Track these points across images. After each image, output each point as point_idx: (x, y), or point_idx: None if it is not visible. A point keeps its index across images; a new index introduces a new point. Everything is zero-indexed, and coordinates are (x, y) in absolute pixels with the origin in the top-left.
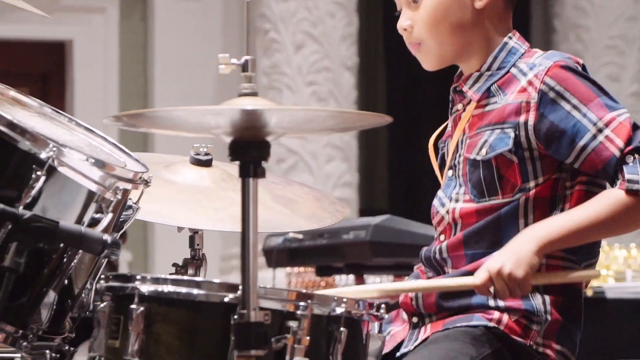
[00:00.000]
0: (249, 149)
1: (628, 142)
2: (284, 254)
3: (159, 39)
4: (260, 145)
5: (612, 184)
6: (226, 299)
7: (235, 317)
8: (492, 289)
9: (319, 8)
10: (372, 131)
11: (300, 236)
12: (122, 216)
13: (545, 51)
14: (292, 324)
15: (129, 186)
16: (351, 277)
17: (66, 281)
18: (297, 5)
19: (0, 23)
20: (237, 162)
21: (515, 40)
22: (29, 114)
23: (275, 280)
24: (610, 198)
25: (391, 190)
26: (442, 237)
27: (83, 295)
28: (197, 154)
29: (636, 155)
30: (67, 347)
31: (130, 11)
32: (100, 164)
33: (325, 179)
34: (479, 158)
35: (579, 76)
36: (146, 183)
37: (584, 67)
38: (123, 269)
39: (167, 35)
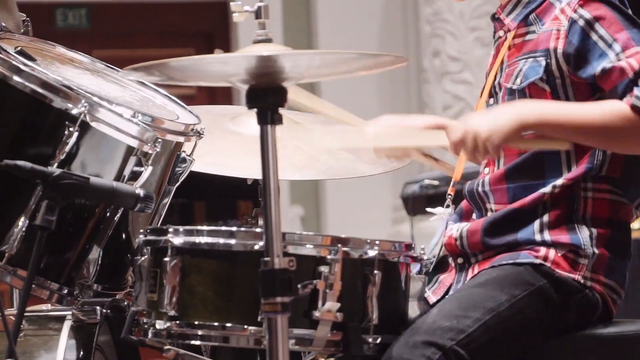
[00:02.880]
0: (266, 96)
1: None
2: (421, 201)
3: None
4: (276, 91)
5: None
6: (256, 247)
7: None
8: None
9: None
10: None
11: (436, 182)
12: (177, 169)
13: None
14: (323, 268)
15: (180, 139)
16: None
17: (123, 235)
18: None
19: None
20: (255, 110)
21: None
22: (79, 72)
23: (413, 229)
24: (612, 107)
25: None
26: (486, 170)
27: None
28: None
29: None
30: (125, 303)
31: None
32: (149, 118)
33: None
34: (514, 87)
35: (610, 7)
36: (199, 135)
37: None
38: (296, 224)
39: None
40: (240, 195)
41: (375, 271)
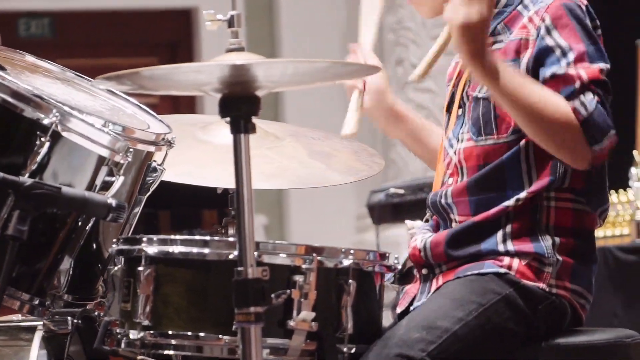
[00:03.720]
0: (239, 105)
1: (594, 81)
2: (387, 210)
3: (284, 1)
4: (249, 100)
5: None
6: (231, 256)
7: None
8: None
9: None
10: None
11: (401, 191)
12: (148, 179)
13: None
14: (298, 277)
15: (151, 148)
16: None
17: (94, 245)
18: None
19: None
20: (227, 119)
21: None
22: (49, 81)
23: (379, 238)
24: (559, 101)
25: None
26: (450, 181)
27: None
28: None
29: (596, 96)
30: (96, 313)
31: None
32: (120, 127)
33: None
34: (480, 95)
35: (575, 20)
36: (169, 144)
37: (587, 8)
38: (259, 234)
39: None
40: (205, 205)
41: (350, 280)
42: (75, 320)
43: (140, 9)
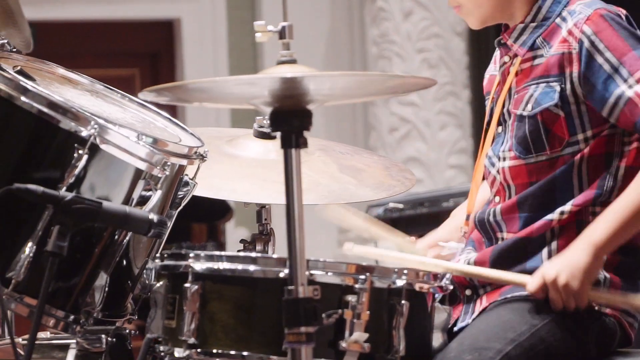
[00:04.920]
0: (290, 119)
1: None
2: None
3: (266, 12)
4: (301, 114)
5: None
6: (281, 274)
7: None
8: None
9: None
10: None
11: (400, 206)
12: (179, 193)
13: None
14: (351, 298)
15: (183, 162)
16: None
17: (124, 262)
18: None
19: (108, 4)
20: (279, 133)
21: None
22: (79, 93)
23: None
24: None
25: None
26: (497, 199)
27: (145, 275)
28: (261, 126)
29: None
30: (127, 330)
31: None
32: (152, 140)
33: (439, 146)
34: (525, 113)
35: (617, 26)
36: (202, 158)
37: (627, 17)
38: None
39: (274, 8)
40: (194, 218)
41: (403, 301)
42: (109, 339)
43: (121, 19)
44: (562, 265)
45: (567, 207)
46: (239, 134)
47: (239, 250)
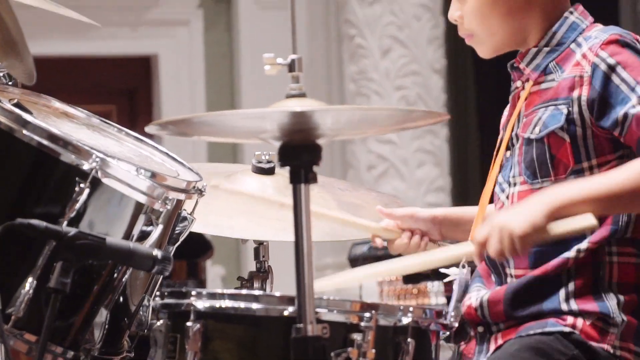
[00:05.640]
0: (299, 153)
1: None
2: (370, 262)
3: (244, 49)
4: (311, 148)
5: None
6: (286, 313)
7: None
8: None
9: (405, 12)
10: (463, 134)
11: (385, 243)
12: (177, 228)
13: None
14: (356, 336)
15: (182, 196)
16: (439, 283)
17: (121, 298)
18: (382, 10)
19: (85, 40)
20: (287, 168)
21: (576, 15)
22: (76, 126)
23: (362, 290)
24: (636, 167)
25: None
26: None
27: (141, 312)
28: (259, 162)
29: None
30: None
31: (214, 22)
32: (150, 174)
33: (417, 184)
34: (532, 137)
35: (633, 51)
36: (200, 192)
37: None
38: (216, 284)
39: (252, 45)
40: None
41: (409, 339)
42: None
43: (99, 55)
44: (511, 214)
45: (584, 244)
46: (236, 169)
47: (236, 288)
